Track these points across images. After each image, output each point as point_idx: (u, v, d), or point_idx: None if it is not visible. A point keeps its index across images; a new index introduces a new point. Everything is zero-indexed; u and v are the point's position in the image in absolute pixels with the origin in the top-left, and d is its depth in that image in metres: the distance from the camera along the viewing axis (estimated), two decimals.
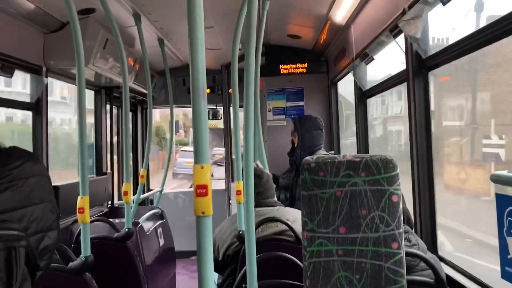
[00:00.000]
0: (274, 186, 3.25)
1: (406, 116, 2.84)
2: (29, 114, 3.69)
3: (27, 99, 3.65)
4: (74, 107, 7.13)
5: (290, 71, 5.67)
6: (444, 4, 2.25)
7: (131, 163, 5.71)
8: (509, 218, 1.65)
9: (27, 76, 3.62)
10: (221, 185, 6.58)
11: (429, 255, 2.17)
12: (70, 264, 2.44)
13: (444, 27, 2.96)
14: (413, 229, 2.39)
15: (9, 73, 3.24)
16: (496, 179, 1.55)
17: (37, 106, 3.64)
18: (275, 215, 2.94)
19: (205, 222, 1.27)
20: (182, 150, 22.06)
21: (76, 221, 3.41)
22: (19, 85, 4.26)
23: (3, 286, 0.96)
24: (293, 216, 2.95)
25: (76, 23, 2.56)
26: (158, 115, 21.33)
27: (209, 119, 6.50)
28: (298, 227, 2.83)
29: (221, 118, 6.66)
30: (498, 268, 1.60)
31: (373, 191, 1.75)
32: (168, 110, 5.62)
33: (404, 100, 3.20)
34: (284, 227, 2.84)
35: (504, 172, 1.54)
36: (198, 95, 1.28)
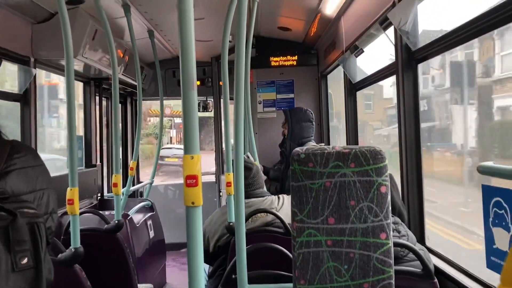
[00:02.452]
0: (265, 177, 3.27)
1: None
2: None
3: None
4: None
5: (280, 64, 5.68)
6: None
7: (120, 155, 5.69)
8: (494, 209, 1.68)
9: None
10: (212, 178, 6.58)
11: (418, 247, 2.20)
12: (60, 255, 2.44)
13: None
14: (405, 222, 2.42)
15: None
16: (483, 170, 1.57)
17: (25, 97, 3.60)
18: (264, 205, 2.97)
19: (195, 212, 1.27)
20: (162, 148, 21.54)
21: (65, 213, 3.39)
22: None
23: (31, 256, 1.13)
24: (280, 202, 3.00)
25: (65, 14, 2.53)
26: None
27: (199, 111, 6.51)
28: (286, 211, 2.90)
29: (211, 110, 6.65)
30: None
31: (361, 182, 1.77)
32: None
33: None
34: (272, 216, 2.87)
35: (490, 163, 1.57)
36: (188, 86, 1.28)
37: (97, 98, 5.34)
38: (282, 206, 3.01)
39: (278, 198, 3.10)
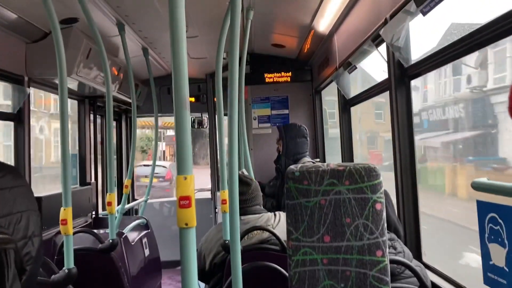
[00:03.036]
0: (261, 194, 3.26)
1: None
2: None
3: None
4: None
5: (274, 80, 5.71)
6: (424, 14, 2.29)
7: (115, 173, 5.66)
8: (490, 225, 1.68)
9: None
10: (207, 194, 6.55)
11: (415, 263, 2.18)
12: (53, 276, 2.41)
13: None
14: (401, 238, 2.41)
15: None
16: (477, 187, 1.57)
17: (19, 117, 3.59)
18: (260, 222, 2.95)
19: (188, 234, 1.26)
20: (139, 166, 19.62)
21: (59, 232, 3.36)
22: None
23: None
24: (277, 220, 2.99)
25: (58, 33, 2.54)
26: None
27: (194, 127, 6.51)
28: (282, 228, 2.89)
29: (206, 127, 6.65)
30: None
31: (357, 199, 1.77)
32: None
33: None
34: (268, 233, 2.86)
35: (484, 180, 1.57)
36: (181, 105, 1.28)
37: (92, 116, 5.33)
38: (279, 223, 2.99)
39: (275, 215, 3.08)
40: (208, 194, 6.50)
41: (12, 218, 1.12)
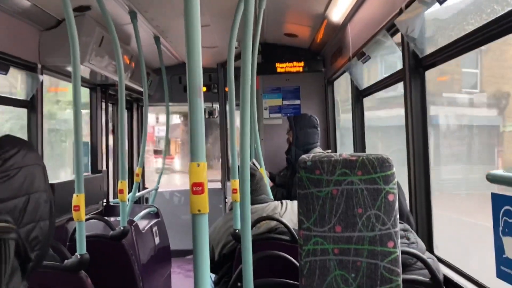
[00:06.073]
0: (271, 184, 3.27)
1: None
2: None
3: None
4: None
5: (286, 70, 5.67)
6: (441, 3, 2.26)
7: (126, 161, 5.69)
8: (504, 218, 1.66)
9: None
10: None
11: (427, 255, 2.17)
12: (66, 261, 2.43)
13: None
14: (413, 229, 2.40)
15: (4, 70, 3.23)
16: (492, 179, 1.55)
17: (32, 104, 3.62)
18: (267, 211, 2.97)
19: (201, 220, 1.26)
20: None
21: (71, 219, 3.39)
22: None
23: None
24: (284, 208, 3.01)
25: (72, 21, 2.54)
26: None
27: (205, 117, 6.51)
28: (289, 216, 2.90)
29: (217, 117, 6.65)
30: None
31: (369, 190, 1.75)
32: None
33: None
34: (275, 222, 2.88)
35: (500, 172, 1.55)
36: (195, 93, 1.28)
37: (103, 104, 5.36)
38: (286, 211, 3.01)
39: (281, 203, 3.09)
40: (217, 185, 6.52)
41: (19, 201, 1.02)
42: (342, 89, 5.57)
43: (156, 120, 11.89)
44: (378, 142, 5.50)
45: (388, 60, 3.83)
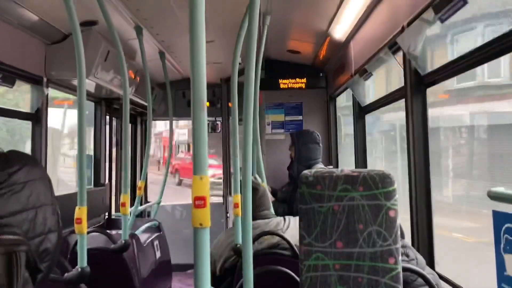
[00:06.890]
0: (273, 199, 3.27)
1: None
2: None
3: None
4: None
5: (289, 86, 5.72)
6: (442, 22, 2.29)
7: (129, 174, 5.71)
8: (506, 235, 1.66)
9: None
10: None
11: (427, 271, 2.16)
12: (66, 274, 2.43)
13: None
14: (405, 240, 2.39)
15: (10, 83, 3.26)
16: (493, 196, 1.56)
17: (37, 117, 3.65)
18: (270, 227, 2.96)
19: (202, 234, 1.27)
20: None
21: (72, 231, 3.39)
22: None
23: None
24: (286, 224, 3.00)
25: (78, 35, 2.58)
26: None
27: (208, 132, 6.53)
28: (291, 233, 2.89)
29: (220, 131, 6.68)
30: None
31: (370, 206, 1.76)
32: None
33: None
34: (279, 238, 2.86)
35: (501, 189, 1.55)
36: (199, 107, 1.30)
37: (108, 118, 5.39)
38: (288, 227, 3.00)
39: (284, 219, 3.09)
40: (219, 199, 6.51)
41: (27, 214, 1.04)
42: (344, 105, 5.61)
43: (176, 124, 11.67)
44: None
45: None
